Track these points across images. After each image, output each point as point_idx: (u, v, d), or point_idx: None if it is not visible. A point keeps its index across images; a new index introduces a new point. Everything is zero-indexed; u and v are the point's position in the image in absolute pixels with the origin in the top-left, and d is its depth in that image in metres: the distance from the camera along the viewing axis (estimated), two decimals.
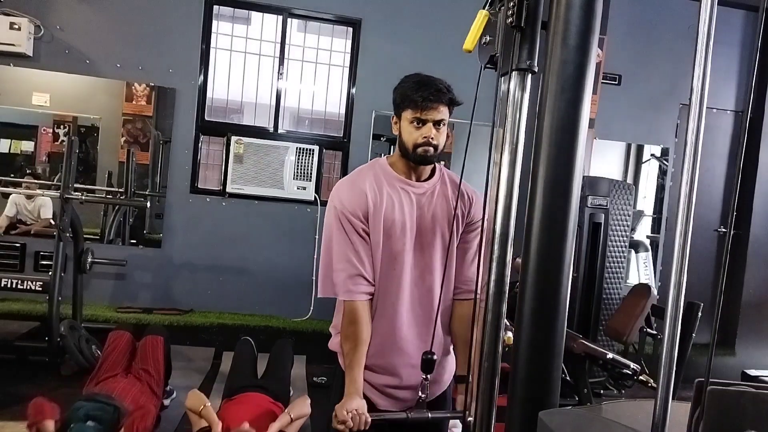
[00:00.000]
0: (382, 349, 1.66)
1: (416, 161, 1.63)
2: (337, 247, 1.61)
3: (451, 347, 1.77)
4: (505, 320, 1.24)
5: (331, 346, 1.76)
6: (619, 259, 4.07)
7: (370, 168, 1.70)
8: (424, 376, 1.51)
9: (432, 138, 1.58)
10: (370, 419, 1.47)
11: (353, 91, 4.42)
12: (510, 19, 1.16)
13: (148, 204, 4.42)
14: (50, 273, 3.32)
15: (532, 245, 1.11)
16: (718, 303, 0.91)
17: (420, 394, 1.52)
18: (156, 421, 2.69)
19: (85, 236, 3.72)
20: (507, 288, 1.21)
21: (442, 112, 1.59)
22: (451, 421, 1.87)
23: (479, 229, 1.61)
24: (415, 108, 1.57)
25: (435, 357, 1.51)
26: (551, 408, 1.06)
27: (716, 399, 0.76)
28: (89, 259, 3.63)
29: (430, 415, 1.51)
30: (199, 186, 4.29)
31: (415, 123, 1.58)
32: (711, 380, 0.77)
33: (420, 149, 1.59)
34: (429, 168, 1.69)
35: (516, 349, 1.13)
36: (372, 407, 1.65)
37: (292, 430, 2.38)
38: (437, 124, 1.59)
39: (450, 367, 1.77)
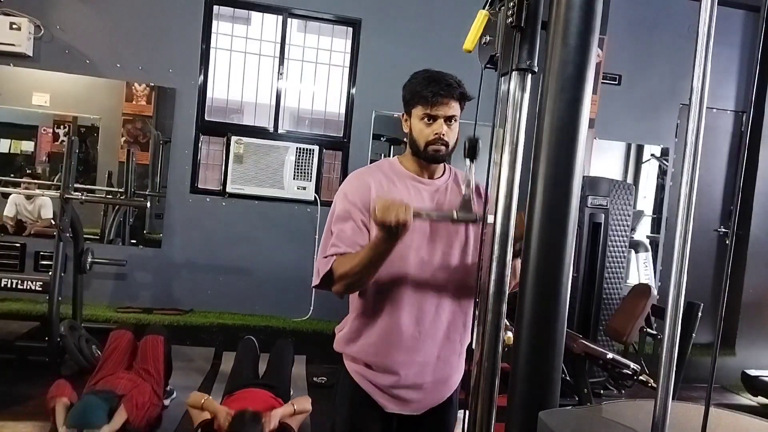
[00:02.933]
0: (384, 346, 1.61)
1: (428, 159, 1.60)
2: (335, 233, 1.58)
3: (463, 350, 1.71)
4: (505, 320, 1.24)
5: (335, 347, 1.74)
6: (619, 259, 4.07)
7: (380, 165, 1.68)
8: (468, 164, 1.46)
9: (443, 135, 1.55)
10: (412, 209, 1.37)
11: (353, 91, 4.42)
12: (510, 19, 1.16)
13: (148, 204, 4.42)
14: (50, 273, 3.33)
15: (532, 245, 1.11)
16: (722, 305, 0.91)
17: (464, 192, 1.47)
18: (157, 420, 2.70)
19: (85, 236, 3.72)
20: (507, 288, 1.21)
21: (453, 108, 1.55)
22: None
23: None
24: (426, 104, 1.53)
25: (480, 145, 1.44)
26: (551, 408, 1.06)
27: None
28: (89, 259, 3.63)
29: (477, 216, 1.45)
30: (199, 186, 4.29)
31: (425, 119, 1.55)
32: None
33: (431, 147, 1.56)
34: (441, 166, 1.66)
35: (516, 349, 1.13)
36: (379, 410, 1.63)
37: (294, 422, 2.40)
38: (448, 120, 1.55)
39: (459, 368, 1.72)
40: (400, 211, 1.35)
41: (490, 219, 1.23)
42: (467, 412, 1.26)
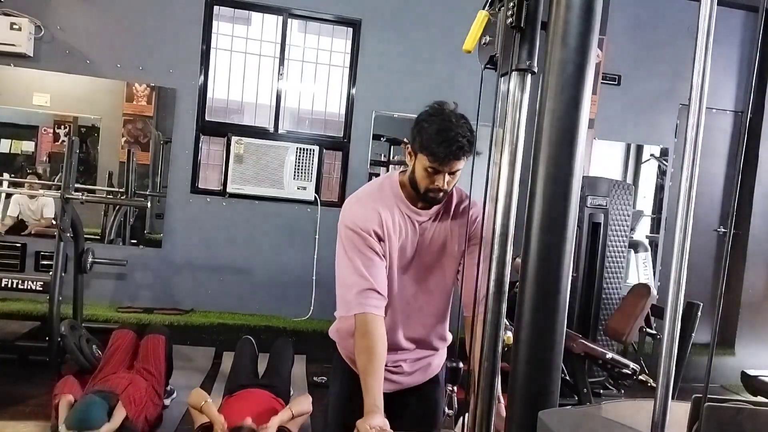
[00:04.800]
0: None
1: (424, 201, 1.62)
2: (350, 263, 1.58)
3: (444, 339, 1.82)
4: (505, 320, 1.24)
5: (330, 334, 1.81)
6: (618, 259, 4.07)
7: (380, 187, 1.68)
8: (450, 388, 1.45)
9: (444, 185, 1.56)
10: None
11: (353, 91, 4.42)
12: (510, 20, 1.16)
13: (149, 204, 4.42)
14: (51, 273, 3.32)
15: (532, 245, 1.11)
16: (718, 304, 0.91)
17: (447, 410, 1.45)
18: (157, 420, 2.71)
19: (85, 236, 3.72)
20: (507, 288, 1.22)
21: (460, 164, 1.55)
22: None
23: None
24: (434, 160, 1.52)
25: (461, 366, 1.46)
26: (551, 408, 1.06)
27: (713, 416, 0.76)
28: (90, 259, 3.63)
29: None
30: (199, 186, 4.29)
31: (430, 170, 1.54)
32: (708, 396, 0.77)
33: (430, 194, 1.58)
34: None
35: (516, 349, 1.13)
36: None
37: (293, 426, 2.39)
38: (452, 173, 1.57)
39: (441, 354, 1.84)
40: None
41: (489, 219, 1.24)
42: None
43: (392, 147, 4.66)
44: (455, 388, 1.45)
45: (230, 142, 4.22)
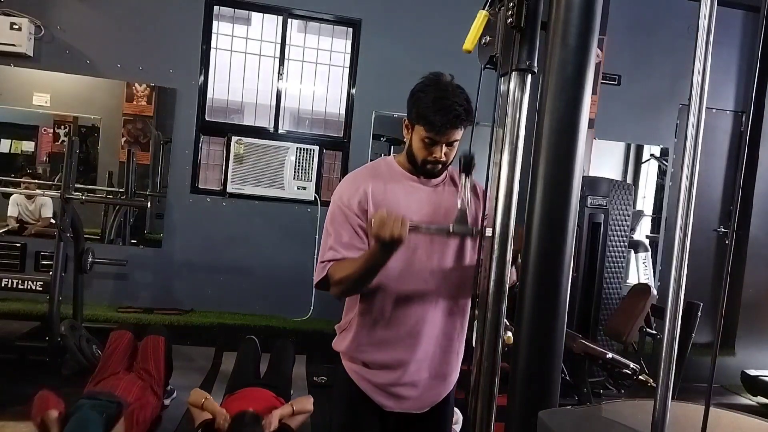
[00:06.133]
0: (382, 344, 1.62)
1: (424, 174, 1.61)
2: (329, 236, 1.60)
3: (461, 348, 1.72)
4: (505, 320, 1.24)
5: (334, 346, 1.74)
6: (618, 259, 4.07)
7: (376, 165, 1.68)
8: (464, 176, 1.46)
9: (442, 157, 1.55)
10: (408, 224, 1.38)
11: (353, 91, 4.42)
12: (510, 20, 1.16)
13: (149, 204, 4.42)
14: (51, 273, 3.33)
15: (532, 245, 1.12)
16: (722, 305, 0.91)
17: (458, 206, 1.46)
18: (157, 420, 2.70)
19: (85, 236, 3.72)
20: (507, 288, 1.22)
21: (457, 134, 1.54)
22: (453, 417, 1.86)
23: None
24: (430, 130, 1.51)
25: (474, 161, 1.46)
26: (551, 408, 1.07)
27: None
28: (90, 259, 3.63)
29: (474, 230, 1.45)
30: (199, 186, 4.29)
31: (427, 140, 1.53)
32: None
33: (429, 166, 1.57)
34: None
35: (516, 349, 1.13)
36: (377, 408, 1.64)
37: (293, 423, 2.40)
38: (450, 144, 1.55)
39: (457, 367, 1.72)
40: (396, 227, 1.35)
41: (489, 232, 1.24)
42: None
43: (392, 147, 4.65)
44: (468, 177, 1.45)
45: (230, 142, 4.22)
